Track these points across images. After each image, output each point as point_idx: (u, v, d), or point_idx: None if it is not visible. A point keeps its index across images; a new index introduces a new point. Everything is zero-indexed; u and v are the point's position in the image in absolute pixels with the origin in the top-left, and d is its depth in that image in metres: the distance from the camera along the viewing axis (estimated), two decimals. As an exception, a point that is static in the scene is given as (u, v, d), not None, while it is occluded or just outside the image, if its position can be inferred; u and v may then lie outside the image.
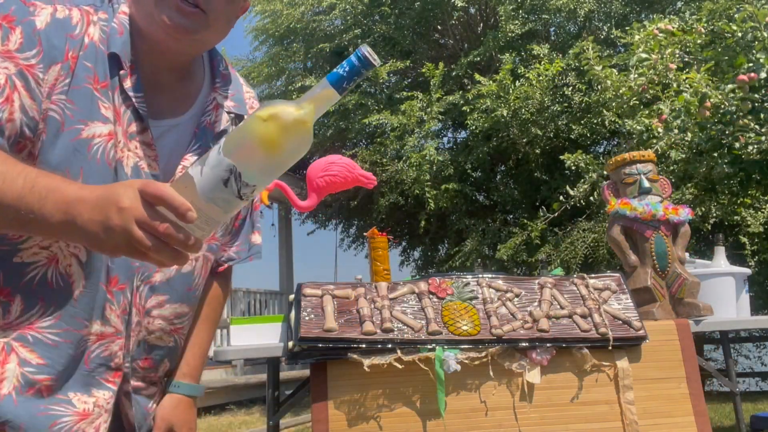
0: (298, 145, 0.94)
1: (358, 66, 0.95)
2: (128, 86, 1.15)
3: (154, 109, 1.20)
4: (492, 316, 2.32)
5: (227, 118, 1.31)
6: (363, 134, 9.61)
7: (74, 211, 0.95)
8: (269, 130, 0.92)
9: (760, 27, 3.99)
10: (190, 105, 1.27)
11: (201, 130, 1.27)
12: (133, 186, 0.93)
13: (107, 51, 1.14)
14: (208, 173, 0.92)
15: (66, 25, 1.11)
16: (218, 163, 0.92)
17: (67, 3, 1.13)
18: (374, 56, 0.94)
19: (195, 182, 0.92)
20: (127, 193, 0.92)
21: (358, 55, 0.95)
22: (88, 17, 1.14)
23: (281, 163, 0.95)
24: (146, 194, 0.92)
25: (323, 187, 3.42)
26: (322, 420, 2.14)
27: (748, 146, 4.01)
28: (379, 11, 9.59)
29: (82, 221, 0.95)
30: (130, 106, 1.16)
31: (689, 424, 2.36)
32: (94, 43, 1.14)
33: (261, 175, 0.94)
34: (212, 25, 1.16)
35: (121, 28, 1.16)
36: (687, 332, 2.51)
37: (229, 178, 0.92)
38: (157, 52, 1.18)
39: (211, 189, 0.92)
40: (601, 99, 6.20)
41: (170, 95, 1.24)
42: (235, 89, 1.36)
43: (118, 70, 1.15)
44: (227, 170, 0.91)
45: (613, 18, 8.94)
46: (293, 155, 0.95)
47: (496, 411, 2.27)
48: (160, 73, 1.21)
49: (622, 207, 2.93)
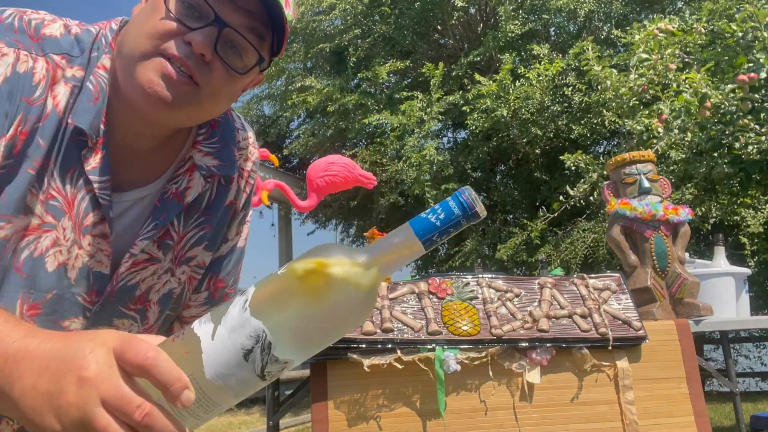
0: (355, 312, 0.68)
1: (458, 216, 0.68)
2: (90, 168, 0.90)
3: (120, 180, 0.94)
4: (492, 316, 2.32)
5: (202, 184, 1.00)
6: (363, 134, 9.60)
7: (12, 371, 0.66)
8: (318, 288, 0.66)
9: (760, 27, 3.99)
10: (164, 169, 0.99)
11: (162, 203, 0.97)
12: (106, 343, 0.64)
13: (73, 123, 0.89)
14: (224, 338, 0.65)
15: (24, 85, 0.86)
16: (242, 324, 0.65)
17: (33, 49, 0.88)
18: (480, 204, 0.68)
19: (201, 347, 0.65)
20: (96, 355, 0.63)
21: (459, 201, 0.68)
22: (55, 73, 0.89)
23: (330, 335, 0.69)
24: (124, 360, 0.64)
25: (323, 187, 3.43)
26: (322, 420, 2.14)
27: (748, 146, 4.01)
28: (379, 11, 9.59)
29: (21, 389, 0.65)
30: (89, 192, 0.91)
31: (689, 424, 2.36)
32: (56, 111, 0.89)
33: (299, 349, 0.67)
34: (204, 102, 0.90)
35: (96, 93, 0.90)
36: (687, 332, 2.51)
37: (253, 349, 0.65)
38: (132, 115, 0.92)
39: (224, 362, 0.65)
40: (601, 99, 6.21)
41: (143, 162, 0.98)
42: (225, 141, 1.03)
43: (80, 148, 0.90)
44: (253, 336, 0.65)
45: (613, 18, 8.95)
46: (346, 324, 0.69)
47: (496, 411, 2.27)
48: (135, 138, 0.95)
49: (622, 207, 2.93)
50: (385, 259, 0.68)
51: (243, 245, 1.13)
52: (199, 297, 1.09)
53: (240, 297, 0.68)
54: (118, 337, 0.65)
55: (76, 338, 0.67)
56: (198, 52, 0.86)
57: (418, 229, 0.68)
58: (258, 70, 0.93)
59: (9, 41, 0.86)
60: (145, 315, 1.01)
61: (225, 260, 1.10)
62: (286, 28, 0.90)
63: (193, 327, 0.67)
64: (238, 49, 0.89)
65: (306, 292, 0.66)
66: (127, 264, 0.96)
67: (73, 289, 0.93)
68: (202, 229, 1.03)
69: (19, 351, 0.66)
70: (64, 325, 0.93)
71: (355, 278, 0.66)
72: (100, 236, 0.93)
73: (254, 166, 1.11)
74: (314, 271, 0.66)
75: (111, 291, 0.96)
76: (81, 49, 0.92)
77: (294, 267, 0.67)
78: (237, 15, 0.87)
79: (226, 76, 0.89)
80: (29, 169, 0.87)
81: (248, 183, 1.09)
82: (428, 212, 0.69)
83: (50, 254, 0.90)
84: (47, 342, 0.67)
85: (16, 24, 0.88)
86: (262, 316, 0.65)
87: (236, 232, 1.10)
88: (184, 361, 0.64)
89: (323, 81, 9.45)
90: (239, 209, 1.09)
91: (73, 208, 0.91)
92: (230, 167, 1.03)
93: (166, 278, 1.01)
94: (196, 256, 1.04)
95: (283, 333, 0.65)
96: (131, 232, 0.96)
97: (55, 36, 0.90)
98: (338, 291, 0.66)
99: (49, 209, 0.89)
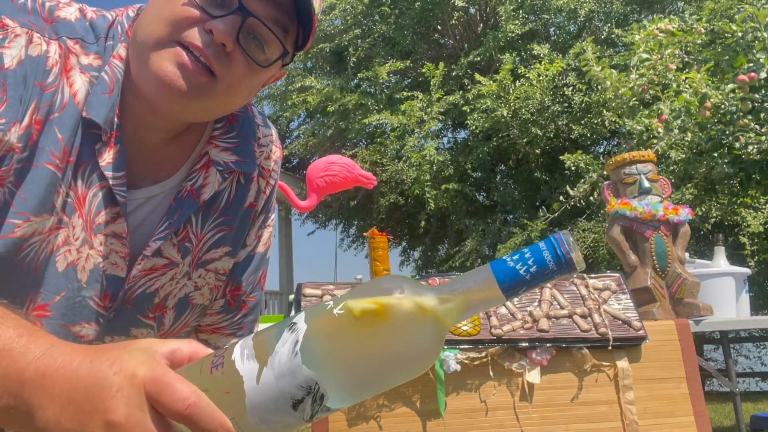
0: (417, 363, 0.60)
1: (552, 267, 0.58)
2: (105, 163, 0.85)
3: (131, 175, 0.88)
4: (492, 316, 2.32)
5: (219, 180, 0.94)
6: (363, 134, 9.61)
7: (30, 398, 0.59)
8: (378, 333, 0.57)
9: (760, 27, 4.00)
10: (179, 166, 0.94)
11: (178, 202, 0.92)
12: (135, 379, 0.57)
13: (87, 116, 0.83)
14: (272, 384, 0.57)
15: (38, 69, 0.81)
16: (292, 372, 0.57)
17: (47, 32, 0.83)
18: (577, 252, 0.58)
19: (245, 390, 0.58)
20: (125, 395, 0.57)
21: (555, 252, 0.58)
22: (69, 58, 0.84)
23: (386, 385, 0.60)
24: (160, 404, 0.57)
25: (323, 187, 3.43)
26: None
27: (748, 146, 4.02)
28: (379, 11, 9.60)
29: (43, 421, 0.58)
30: (103, 188, 0.86)
31: (689, 424, 2.36)
32: (75, 102, 0.83)
33: (353, 399, 0.60)
34: (221, 94, 0.84)
35: (112, 84, 0.85)
36: (687, 332, 2.51)
37: (303, 399, 0.58)
38: (145, 107, 0.86)
39: (271, 410, 0.58)
40: (601, 99, 6.21)
41: (155, 156, 0.92)
42: (244, 136, 0.97)
43: (94, 142, 0.84)
44: (305, 387, 0.57)
45: (613, 18, 8.95)
46: (405, 375, 0.60)
47: (496, 411, 2.27)
48: (147, 131, 0.90)
49: (622, 207, 2.93)
50: (465, 300, 0.59)
51: (263, 251, 1.06)
52: (216, 305, 1.03)
53: (288, 333, 0.59)
54: (149, 372, 0.57)
55: (98, 361, 0.59)
56: (219, 41, 0.80)
57: (501, 275, 0.58)
58: (280, 64, 0.87)
59: (23, 22, 0.81)
60: (161, 321, 0.96)
61: (242, 266, 1.03)
62: (314, 21, 0.85)
63: (234, 360, 0.59)
64: (261, 40, 0.83)
65: (364, 338, 0.57)
66: (140, 266, 0.90)
67: (84, 292, 0.87)
68: (220, 231, 0.98)
69: (38, 375, 0.59)
70: (75, 330, 0.88)
71: (421, 325, 0.57)
72: (113, 236, 0.87)
73: (276, 166, 1.04)
74: (374, 313, 0.57)
75: (126, 297, 0.91)
76: (96, 36, 0.87)
77: (351, 307, 0.58)
78: (262, 4, 0.82)
79: (246, 68, 0.83)
80: (48, 164, 0.81)
81: (269, 184, 1.03)
82: (516, 257, 0.59)
83: (60, 253, 0.84)
84: (67, 365, 0.59)
85: (29, 5, 0.83)
86: (314, 365, 0.57)
87: (255, 236, 1.04)
88: (225, 402, 0.58)
89: (323, 81, 9.46)
90: (259, 212, 1.03)
91: (84, 206, 0.85)
92: (250, 164, 0.97)
93: (183, 282, 0.96)
94: (215, 259, 0.98)
95: (336, 385, 0.58)
96: (142, 232, 0.91)
97: (69, 19, 0.85)
98: (400, 338, 0.57)
99: (63, 206, 0.84)
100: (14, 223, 0.79)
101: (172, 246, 0.93)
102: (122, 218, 0.87)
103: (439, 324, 0.58)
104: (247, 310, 1.07)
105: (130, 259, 0.90)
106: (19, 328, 0.62)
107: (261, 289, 1.09)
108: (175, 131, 0.92)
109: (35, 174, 0.80)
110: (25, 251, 0.81)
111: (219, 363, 0.60)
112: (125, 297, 0.91)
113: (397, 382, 0.60)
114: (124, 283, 0.90)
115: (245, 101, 0.91)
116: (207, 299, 1.00)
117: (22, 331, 0.62)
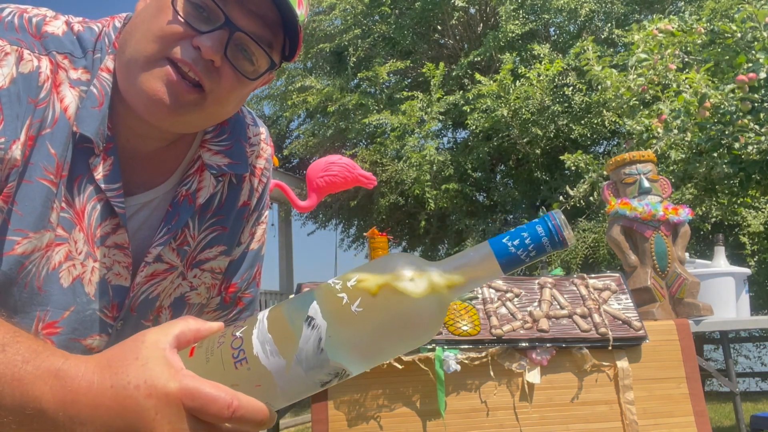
0: (427, 329, 0.65)
1: (545, 242, 0.63)
2: (101, 176, 0.85)
3: (126, 183, 0.89)
4: (492, 316, 2.32)
5: (214, 184, 0.96)
6: (363, 134, 9.61)
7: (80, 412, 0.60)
8: (396, 314, 0.62)
9: (760, 27, 4.00)
10: (172, 170, 0.95)
11: (175, 207, 0.93)
12: (170, 398, 0.59)
13: (78, 130, 0.84)
14: (301, 375, 0.63)
15: (30, 86, 0.81)
16: (320, 365, 0.63)
17: (36, 47, 0.83)
18: (568, 230, 0.63)
19: (276, 383, 0.63)
20: (165, 416, 0.59)
21: (547, 226, 0.63)
22: (58, 73, 0.84)
23: (400, 351, 0.67)
24: (204, 414, 0.60)
25: (323, 187, 3.43)
26: (322, 420, 2.14)
27: (748, 146, 4.01)
28: (379, 11, 9.60)
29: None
30: (101, 201, 0.86)
31: (689, 424, 2.36)
32: (66, 117, 0.83)
33: (370, 366, 0.67)
34: (210, 107, 0.85)
35: (101, 98, 0.85)
36: (687, 332, 2.51)
37: (331, 381, 0.65)
38: (137, 118, 0.86)
39: (302, 392, 0.65)
40: (601, 99, 6.21)
41: (149, 163, 0.93)
42: (235, 138, 0.98)
43: (87, 156, 0.85)
44: (332, 374, 0.64)
45: (613, 18, 8.95)
46: (417, 343, 0.66)
47: (496, 411, 2.27)
48: (139, 140, 0.90)
49: (622, 207, 2.93)
50: (466, 274, 0.64)
51: (257, 248, 1.08)
52: (212, 302, 1.05)
53: (309, 330, 0.63)
54: (179, 386, 0.59)
55: (120, 386, 0.60)
56: (207, 57, 0.81)
57: (499, 250, 0.63)
58: (269, 73, 0.89)
59: (11, 39, 0.81)
60: (158, 322, 0.97)
61: (237, 264, 1.05)
62: (299, 30, 0.86)
63: (257, 356, 0.63)
64: (248, 53, 0.84)
65: (381, 319, 0.62)
66: (143, 273, 0.91)
67: (93, 305, 0.88)
68: (214, 231, 0.99)
69: (88, 387, 0.61)
70: (86, 343, 0.89)
71: (431, 299, 0.63)
72: (115, 247, 0.88)
73: (267, 164, 1.06)
74: (390, 292, 0.62)
75: (131, 304, 0.92)
76: (83, 50, 0.87)
77: (365, 287, 0.62)
78: (247, 18, 0.82)
79: (235, 81, 0.84)
80: (42, 179, 0.81)
81: (261, 182, 1.04)
82: (511, 234, 0.64)
83: (64, 269, 0.85)
84: (108, 379, 0.60)
85: (16, 22, 0.83)
86: (340, 357, 0.63)
87: (249, 234, 1.05)
88: (257, 393, 0.63)
89: (323, 81, 9.46)
90: (252, 210, 1.04)
91: (84, 219, 0.86)
92: (242, 165, 0.98)
93: (178, 282, 0.97)
94: (210, 259, 0.99)
95: (359, 364, 0.65)
96: (140, 237, 0.92)
97: (57, 34, 0.86)
98: (413, 314, 0.63)
99: (60, 221, 0.84)
100: (14, 240, 0.80)
101: (172, 251, 0.94)
102: (122, 229, 0.88)
103: (444, 297, 0.64)
104: (243, 306, 1.08)
105: (133, 267, 0.91)
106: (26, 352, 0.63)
107: (257, 286, 1.10)
108: (168, 140, 0.92)
109: (30, 190, 0.80)
110: (27, 268, 0.82)
111: (242, 358, 0.63)
112: (131, 305, 0.92)
113: (408, 350, 0.67)
114: (129, 292, 0.91)
115: (235, 110, 0.92)
116: (204, 298, 1.02)
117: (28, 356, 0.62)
